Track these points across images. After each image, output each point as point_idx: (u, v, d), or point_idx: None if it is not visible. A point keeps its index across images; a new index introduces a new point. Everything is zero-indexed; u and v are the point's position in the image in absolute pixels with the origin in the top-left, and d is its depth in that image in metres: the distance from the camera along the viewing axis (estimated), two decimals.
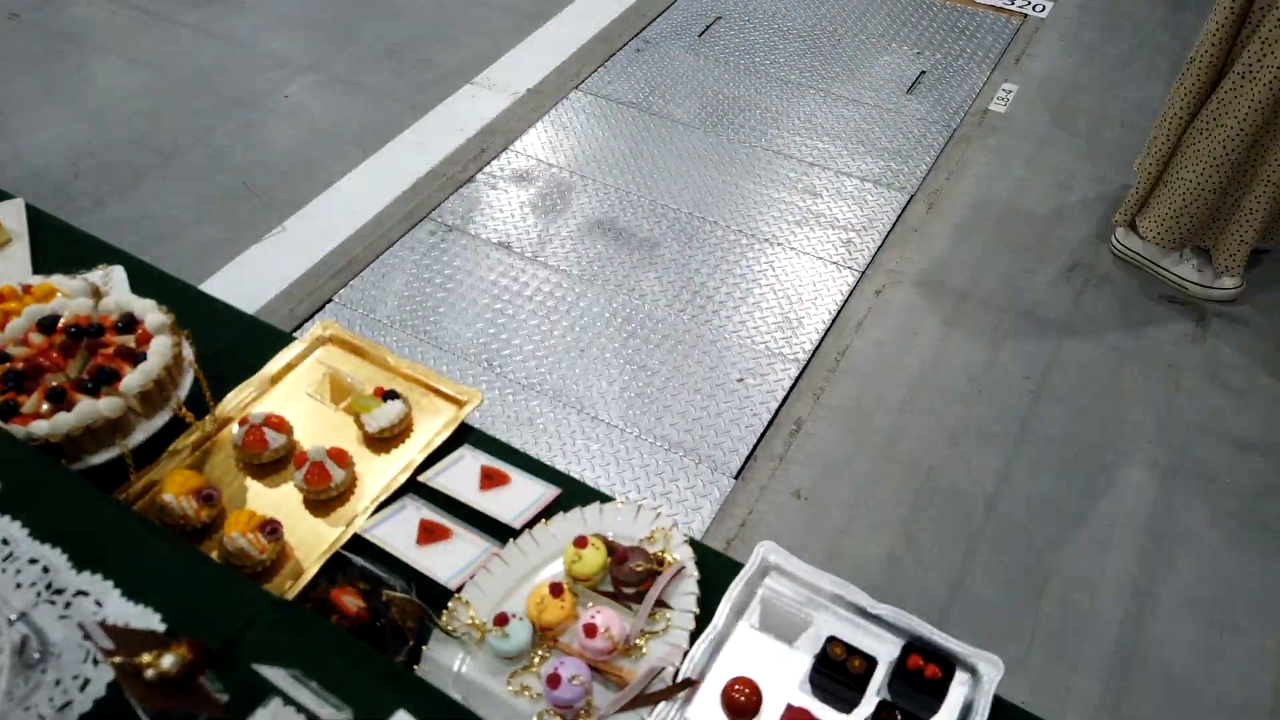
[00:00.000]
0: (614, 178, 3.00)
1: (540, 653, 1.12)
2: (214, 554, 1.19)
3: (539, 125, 3.21)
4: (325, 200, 2.96)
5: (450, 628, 1.12)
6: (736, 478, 2.20)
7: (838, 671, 1.07)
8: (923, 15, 3.70)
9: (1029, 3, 3.75)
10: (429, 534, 1.22)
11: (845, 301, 2.61)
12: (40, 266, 1.58)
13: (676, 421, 2.31)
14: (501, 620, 1.10)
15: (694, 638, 1.11)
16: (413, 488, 1.29)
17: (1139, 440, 2.26)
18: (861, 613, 1.14)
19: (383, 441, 1.35)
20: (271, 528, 1.20)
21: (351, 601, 1.13)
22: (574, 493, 1.28)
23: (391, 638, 1.12)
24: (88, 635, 0.84)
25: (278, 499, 1.29)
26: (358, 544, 1.21)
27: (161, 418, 1.31)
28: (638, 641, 1.11)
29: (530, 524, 1.24)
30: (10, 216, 1.64)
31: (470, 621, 1.12)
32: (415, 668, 1.10)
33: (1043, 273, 2.68)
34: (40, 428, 1.20)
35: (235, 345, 1.47)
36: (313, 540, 1.24)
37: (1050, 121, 3.19)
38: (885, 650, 1.11)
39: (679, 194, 2.93)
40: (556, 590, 1.13)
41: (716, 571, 1.17)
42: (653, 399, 2.36)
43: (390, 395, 1.36)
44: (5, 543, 1.02)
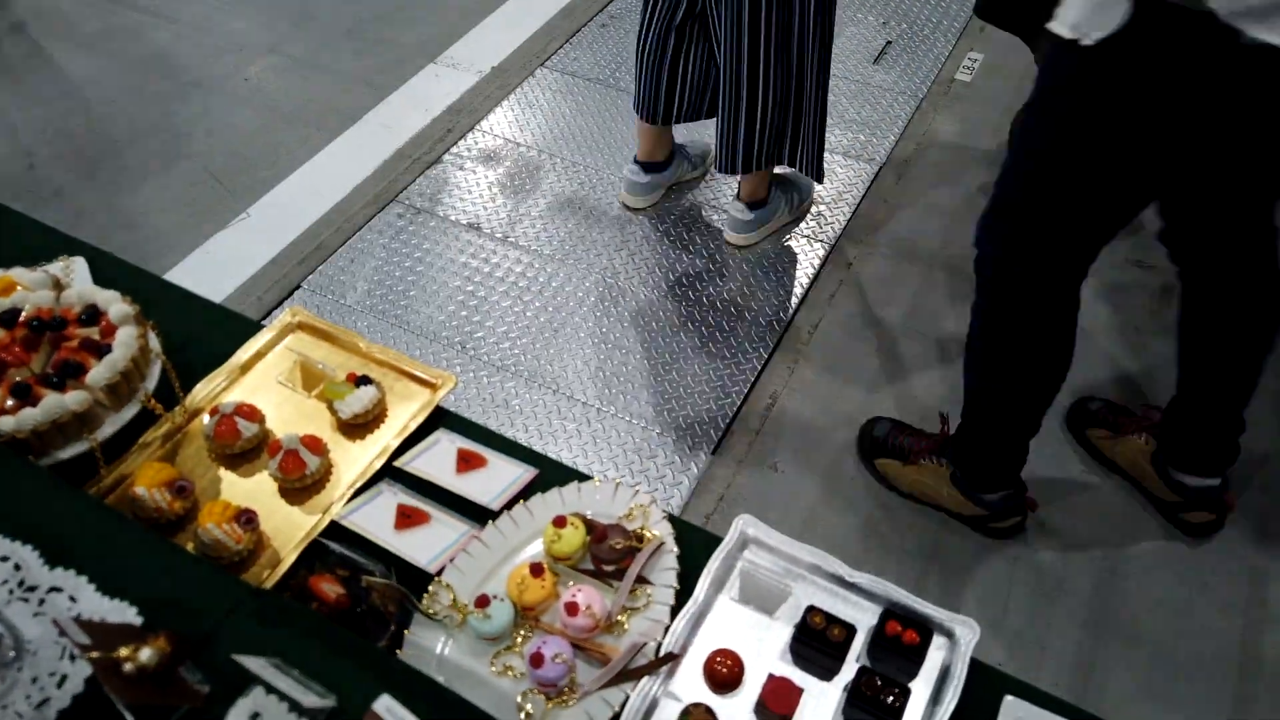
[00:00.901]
0: (583, 155, 2.98)
1: (522, 633, 1.12)
2: (189, 546, 1.18)
3: (505, 104, 3.18)
4: (290, 185, 2.92)
5: (431, 611, 1.12)
6: (713, 453, 2.21)
7: (818, 640, 1.08)
8: None
9: None
10: (407, 519, 1.22)
11: (817, 274, 2.62)
12: None
13: (652, 399, 2.32)
14: (483, 602, 1.10)
15: (675, 612, 1.11)
16: (389, 473, 1.28)
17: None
18: (840, 582, 1.15)
19: (357, 427, 1.34)
20: (247, 517, 1.18)
21: (330, 589, 1.12)
22: (551, 473, 1.28)
23: (372, 623, 1.12)
24: (63, 631, 0.83)
25: (252, 489, 1.28)
26: (335, 531, 1.21)
27: (130, 410, 1.29)
28: (619, 618, 1.12)
29: (509, 505, 1.23)
30: None
31: (451, 604, 1.12)
32: (397, 652, 1.10)
33: None
34: (6, 424, 1.18)
35: (203, 335, 1.45)
36: (289, 529, 1.23)
37: (1016, 89, 3.20)
38: (864, 618, 1.13)
39: None
40: (537, 570, 1.13)
41: (696, 546, 1.18)
42: (628, 377, 2.37)
43: (363, 381, 1.34)
44: None
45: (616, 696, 1.04)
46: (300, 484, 1.26)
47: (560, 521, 1.17)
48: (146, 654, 0.83)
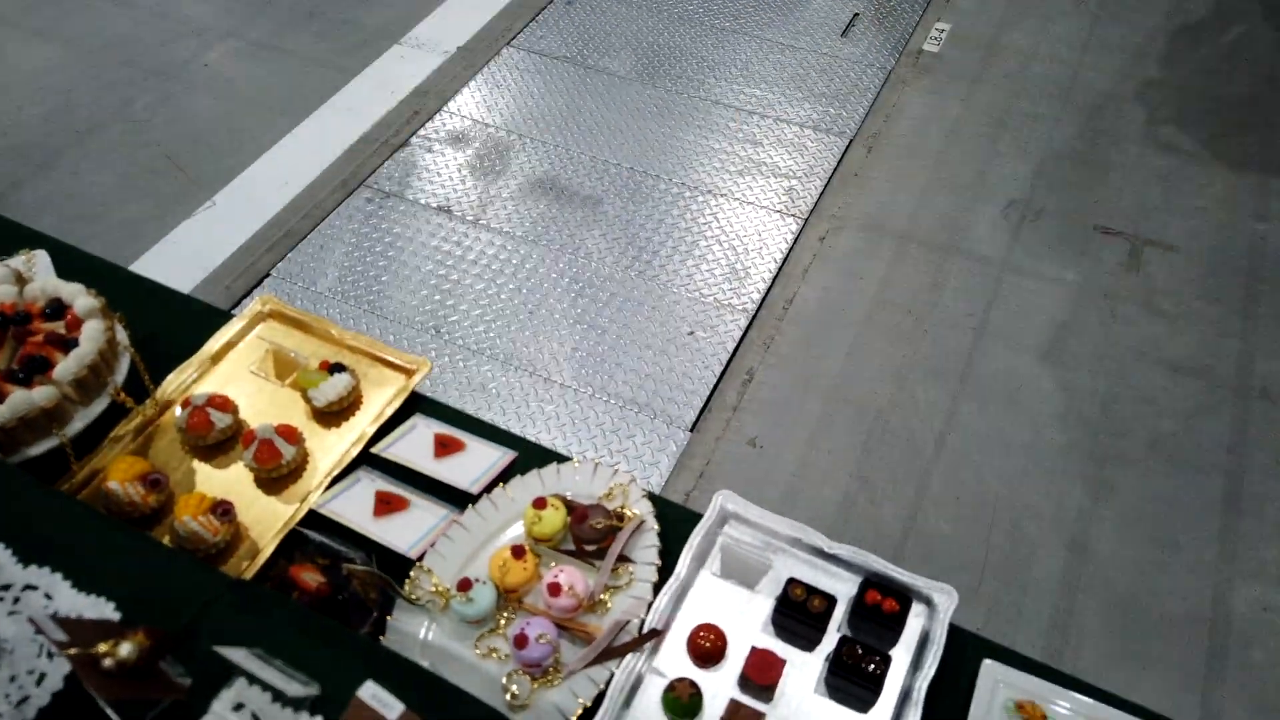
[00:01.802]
0: (552, 135, 2.96)
1: (505, 615, 1.13)
2: (166, 539, 1.17)
3: (472, 84, 3.14)
4: (255, 172, 2.87)
5: (414, 596, 1.12)
6: (692, 430, 2.22)
7: (799, 612, 1.09)
8: None
9: None
10: (386, 505, 1.21)
11: (790, 249, 2.62)
12: None
13: (629, 378, 2.32)
14: (465, 585, 1.10)
15: (657, 589, 1.12)
16: (366, 460, 1.27)
17: (1078, 369, 2.33)
18: (819, 553, 1.16)
19: (332, 415, 1.33)
20: (224, 509, 1.18)
21: (311, 577, 1.12)
22: (530, 455, 1.28)
23: (355, 610, 1.12)
24: (40, 629, 0.82)
25: (228, 480, 1.27)
26: (314, 520, 1.20)
27: (99, 404, 1.27)
28: (602, 597, 1.12)
29: (488, 489, 1.23)
30: None
31: (434, 589, 1.12)
32: (381, 638, 1.10)
33: (981, 211, 2.72)
34: None
35: (172, 326, 1.43)
36: (268, 519, 1.22)
37: (982, 59, 3.22)
38: (844, 588, 1.14)
39: (619, 149, 2.91)
40: (518, 552, 1.13)
41: (676, 523, 1.19)
42: (604, 357, 2.36)
43: (336, 368, 1.33)
44: None
45: (601, 674, 1.05)
46: (277, 473, 1.25)
47: (540, 503, 1.17)
48: (126, 649, 0.83)
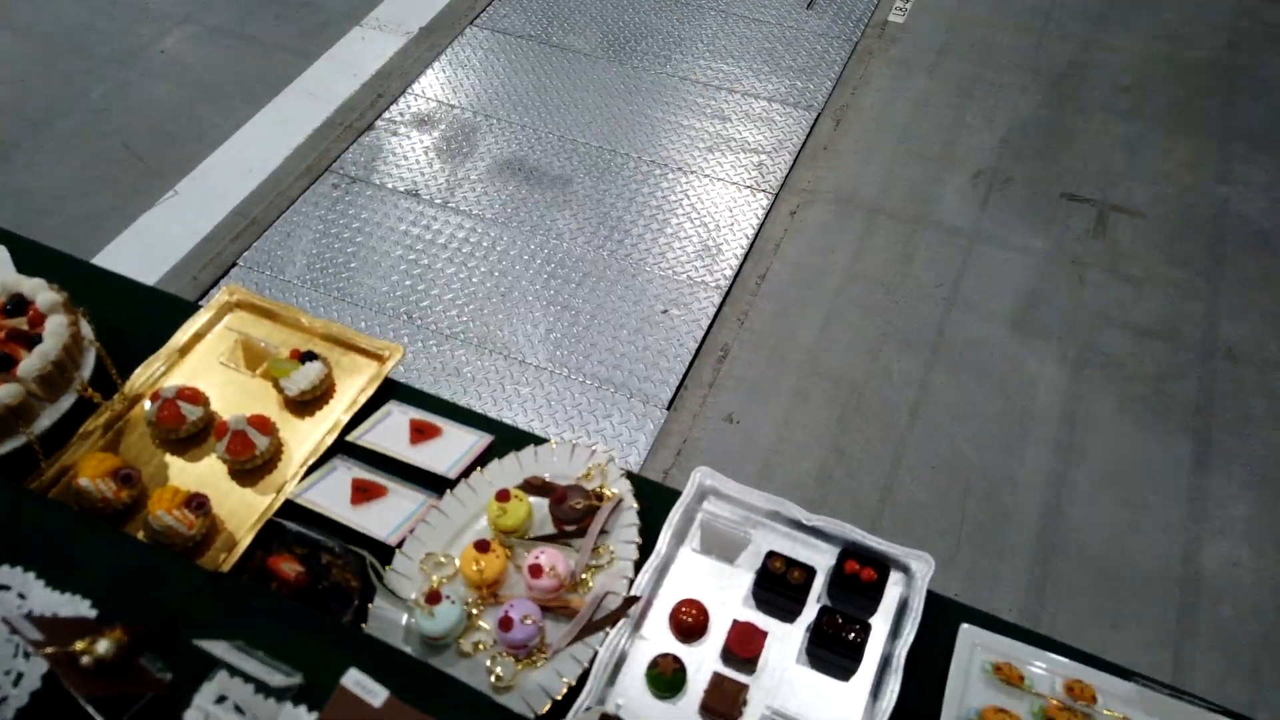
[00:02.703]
0: (519, 115, 2.93)
1: (478, 608, 1.11)
2: (140, 535, 1.16)
3: (436, 65, 3.11)
4: (217, 160, 2.82)
5: (391, 588, 1.11)
6: (669, 408, 2.23)
7: (779, 584, 1.10)
8: None
9: None
10: (363, 493, 1.21)
11: (761, 225, 2.62)
12: None
13: (605, 358, 2.31)
14: (434, 598, 1.07)
15: (638, 567, 1.12)
16: (342, 448, 1.26)
17: (1049, 336, 2.36)
18: (798, 526, 1.17)
19: (305, 404, 1.32)
20: (198, 502, 1.16)
21: (290, 567, 1.11)
22: (507, 438, 1.28)
23: (336, 599, 1.11)
24: (14, 629, 0.81)
25: (202, 472, 1.26)
26: (291, 510, 1.19)
27: (66, 400, 1.25)
28: (584, 576, 1.13)
29: (466, 473, 1.23)
30: None
31: (420, 561, 1.13)
32: (363, 625, 1.09)
33: (949, 181, 2.74)
34: None
35: (137, 319, 1.41)
36: (244, 511, 1.21)
37: (948, 28, 3.22)
38: (823, 559, 1.15)
39: (587, 127, 2.89)
40: (482, 547, 1.12)
41: (656, 501, 1.19)
42: (579, 338, 2.36)
43: (308, 356, 1.32)
44: None
45: (585, 653, 1.05)
46: (251, 465, 1.24)
47: (503, 495, 1.16)
48: (103, 646, 0.82)
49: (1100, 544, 2.00)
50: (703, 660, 1.08)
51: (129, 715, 0.86)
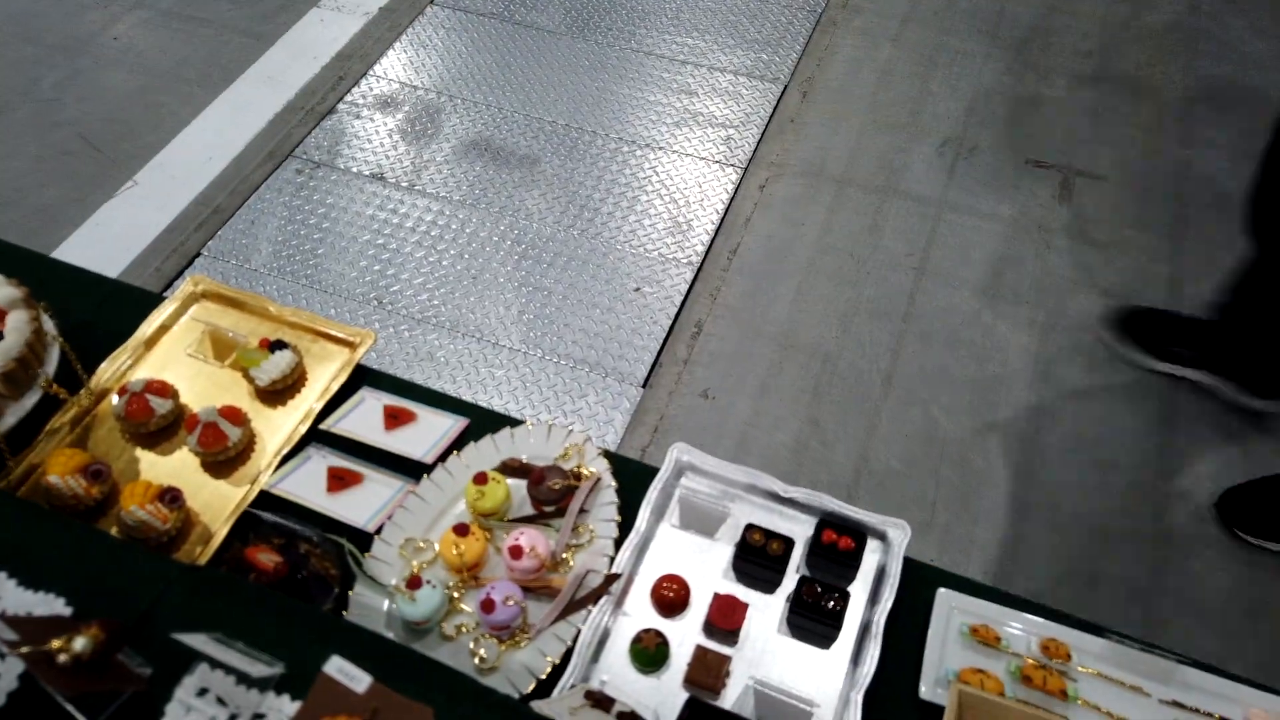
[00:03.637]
0: (484, 95, 2.90)
1: (460, 591, 1.11)
2: (113, 530, 1.15)
3: (397, 46, 3.06)
4: (176, 148, 2.77)
5: (371, 575, 1.11)
6: (644, 386, 2.23)
7: (758, 556, 1.11)
8: None
9: None
10: (339, 481, 1.20)
11: (731, 199, 2.62)
12: None
13: (578, 338, 2.31)
14: (414, 583, 1.07)
15: (619, 545, 1.13)
16: (316, 437, 1.26)
17: (1017, 302, 2.38)
18: (775, 498, 1.18)
19: (277, 394, 1.31)
20: (172, 495, 1.15)
21: (267, 558, 1.10)
22: (483, 421, 1.27)
23: (315, 588, 1.11)
24: None
25: (174, 466, 1.24)
26: (266, 500, 1.18)
27: (31, 398, 1.23)
28: (564, 556, 1.13)
29: (442, 457, 1.23)
30: None
31: (399, 547, 1.12)
32: (344, 613, 1.09)
33: (916, 150, 2.75)
34: None
35: (101, 312, 1.38)
36: (219, 503, 1.20)
37: None
38: (801, 530, 1.16)
39: (553, 105, 2.86)
40: (462, 531, 1.12)
41: (634, 478, 1.19)
42: (552, 318, 2.35)
43: (278, 345, 1.30)
44: None
45: (569, 631, 1.06)
46: (224, 456, 1.23)
47: (481, 478, 1.16)
48: (80, 643, 0.81)
49: (1072, 504, 2.03)
50: (685, 634, 1.09)
51: (109, 712, 0.85)
